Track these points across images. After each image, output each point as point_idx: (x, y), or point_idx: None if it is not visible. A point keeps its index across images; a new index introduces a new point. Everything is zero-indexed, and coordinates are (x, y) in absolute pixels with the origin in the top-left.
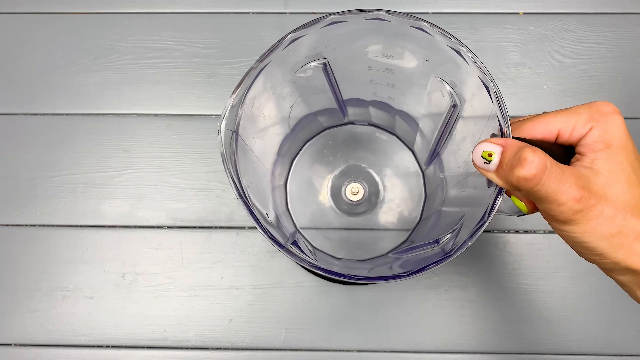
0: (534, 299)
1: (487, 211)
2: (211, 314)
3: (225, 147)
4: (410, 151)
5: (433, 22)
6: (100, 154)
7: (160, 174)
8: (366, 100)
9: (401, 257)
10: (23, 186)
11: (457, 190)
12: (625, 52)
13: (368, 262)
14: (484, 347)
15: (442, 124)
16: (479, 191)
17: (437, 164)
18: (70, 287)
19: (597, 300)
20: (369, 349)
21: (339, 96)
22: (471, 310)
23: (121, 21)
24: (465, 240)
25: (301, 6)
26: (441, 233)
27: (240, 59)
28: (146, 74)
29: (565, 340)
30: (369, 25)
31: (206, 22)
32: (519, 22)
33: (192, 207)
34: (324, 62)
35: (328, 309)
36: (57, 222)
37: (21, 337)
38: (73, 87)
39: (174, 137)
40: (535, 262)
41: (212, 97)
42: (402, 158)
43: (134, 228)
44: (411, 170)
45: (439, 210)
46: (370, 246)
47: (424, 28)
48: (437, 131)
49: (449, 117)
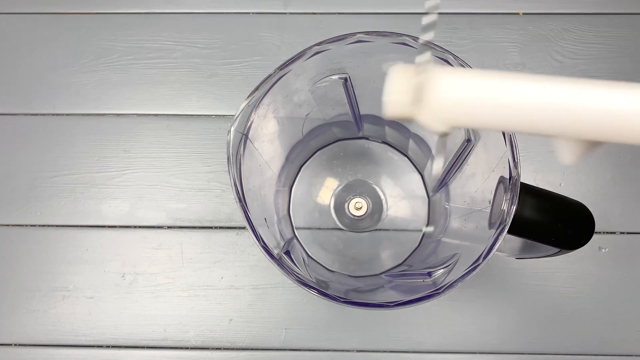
0: (534, 299)
1: (484, 254)
2: (211, 314)
3: (232, 150)
4: (420, 175)
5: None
6: (100, 154)
7: (160, 174)
8: (383, 118)
9: (393, 281)
10: (23, 186)
11: (459, 223)
12: (625, 52)
13: (360, 279)
14: (484, 347)
15: (454, 155)
16: (480, 229)
17: (444, 192)
18: (70, 287)
19: (597, 300)
20: (369, 349)
21: (356, 111)
22: (471, 310)
23: (121, 21)
24: (456, 280)
25: (301, 6)
26: (437, 262)
27: (240, 59)
28: (146, 74)
29: (565, 340)
30: (395, 48)
31: (206, 22)
32: (519, 22)
33: (192, 207)
34: (345, 77)
35: (328, 309)
36: (57, 222)
37: (21, 337)
38: (73, 87)
39: (174, 137)
40: (535, 262)
41: (212, 97)
42: (411, 180)
43: (134, 228)
44: (418, 194)
45: (438, 239)
46: (365, 264)
47: (449, 60)
48: (448, 161)
49: (461, 150)
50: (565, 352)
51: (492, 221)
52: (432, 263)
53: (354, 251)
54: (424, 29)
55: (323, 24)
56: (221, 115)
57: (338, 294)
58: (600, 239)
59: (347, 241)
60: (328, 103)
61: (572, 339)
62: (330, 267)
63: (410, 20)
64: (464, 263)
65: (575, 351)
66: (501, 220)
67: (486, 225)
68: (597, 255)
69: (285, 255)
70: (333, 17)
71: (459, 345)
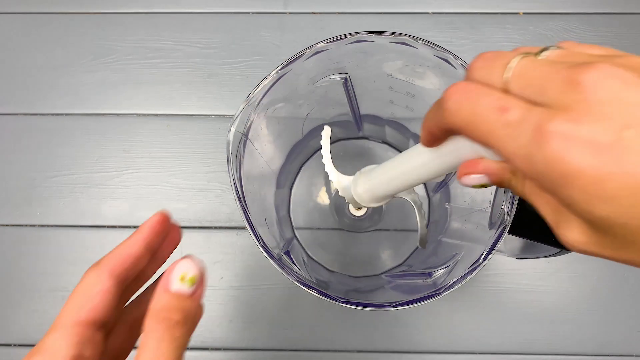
0: (534, 299)
1: (484, 254)
2: (211, 314)
3: (232, 150)
4: None
5: (434, 19)
6: (100, 154)
7: (160, 174)
8: (383, 118)
9: (393, 281)
10: (23, 186)
11: (459, 223)
12: (625, 51)
13: (360, 279)
14: (484, 347)
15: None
16: (480, 229)
17: (444, 192)
18: (70, 288)
19: (597, 300)
20: (369, 349)
21: (356, 111)
22: (471, 310)
23: (121, 21)
24: (456, 280)
25: (301, 6)
26: (437, 263)
27: (240, 59)
28: (146, 74)
29: (565, 340)
30: (395, 48)
31: (206, 22)
32: (519, 22)
33: (192, 207)
34: (345, 77)
35: (328, 309)
36: (57, 222)
37: (21, 337)
38: (73, 87)
39: (174, 137)
40: (535, 263)
41: (212, 97)
42: None
43: (134, 228)
44: (418, 193)
45: (439, 239)
46: (365, 264)
47: (449, 60)
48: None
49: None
50: (566, 352)
51: (493, 221)
52: (433, 263)
53: (354, 251)
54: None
55: (323, 24)
56: (221, 115)
57: (338, 294)
58: None
59: (347, 241)
60: (328, 103)
61: (572, 339)
62: (330, 267)
63: (410, 20)
64: (464, 263)
65: (576, 351)
66: (501, 220)
67: (486, 225)
68: None
69: (285, 255)
70: (333, 17)
71: (459, 345)
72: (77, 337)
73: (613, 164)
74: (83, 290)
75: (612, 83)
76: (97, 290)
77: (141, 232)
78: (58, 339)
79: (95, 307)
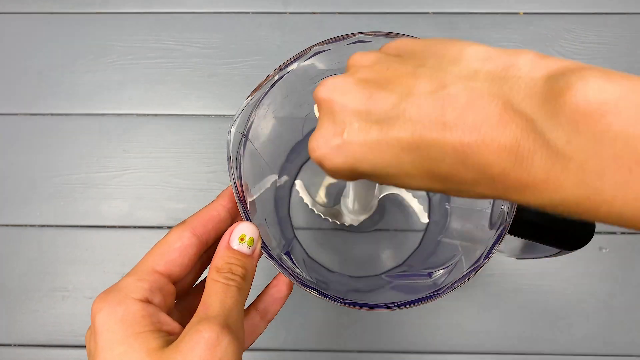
0: (534, 299)
1: (484, 254)
2: None
3: (232, 150)
4: None
5: (434, 19)
6: (100, 154)
7: (160, 174)
8: None
9: (393, 282)
10: (23, 186)
11: (459, 223)
12: (625, 52)
13: (360, 280)
14: (484, 347)
15: None
16: (479, 230)
17: None
18: (70, 288)
19: (597, 300)
20: (369, 349)
21: None
22: (471, 310)
23: (121, 21)
24: (457, 280)
25: (301, 6)
26: (437, 263)
27: (240, 59)
28: (146, 74)
29: (566, 340)
30: None
31: (206, 22)
32: (519, 22)
33: (192, 208)
34: None
35: (328, 310)
36: (57, 222)
37: (21, 337)
38: (73, 87)
39: (174, 137)
40: (535, 263)
41: (212, 97)
42: None
43: (134, 228)
44: (418, 193)
45: (439, 239)
46: (365, 264)
47: None
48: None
49: None
50: (566, 352)
51: (493, 221)
52: (433, 263)
53: (354, 251)
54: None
55: (323, 24)
56: (221, 115)
57: (338, 294)
58: (601, 239)
59: (347, 241)
60: None
61: (572, 339)
62: (330, 267)
63: (410, 20)
64: (464, 263)
65: (576, 351)
66: (502, 220)
67: (486, 225)
68: (597, 256)
69: (285, 255)
70: (333, 17)
71: (459, 345)
72: (149, 284)
73: (335, 150)
74: (164, 244)
75: (327, 94)
76: (177, 246)
77: (222, 197)
78: (133, 281)
79: (173, 261)
